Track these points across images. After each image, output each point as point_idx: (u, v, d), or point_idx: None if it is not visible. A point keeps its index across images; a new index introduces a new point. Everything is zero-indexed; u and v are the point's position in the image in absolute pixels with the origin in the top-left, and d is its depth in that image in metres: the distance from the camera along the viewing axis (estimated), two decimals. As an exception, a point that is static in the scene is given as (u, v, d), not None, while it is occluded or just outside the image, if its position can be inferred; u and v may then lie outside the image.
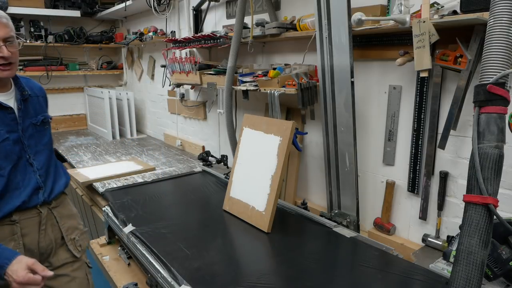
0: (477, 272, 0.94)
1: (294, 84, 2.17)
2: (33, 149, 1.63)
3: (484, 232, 0.95)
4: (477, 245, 0.94)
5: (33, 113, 1.66)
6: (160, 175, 3.00)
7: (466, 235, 0.95)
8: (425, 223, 1.94)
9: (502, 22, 0.94)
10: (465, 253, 0.95)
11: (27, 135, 1.61)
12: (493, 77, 0.94)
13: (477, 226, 0.95)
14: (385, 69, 2.02)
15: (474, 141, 0.97)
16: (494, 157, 0.94)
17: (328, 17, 1.95)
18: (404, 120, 1.97)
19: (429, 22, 1.55)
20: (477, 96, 0.97)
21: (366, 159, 2.18)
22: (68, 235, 1.75)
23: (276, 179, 1.95)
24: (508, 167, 1.61)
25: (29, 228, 1.61)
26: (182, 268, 1.60)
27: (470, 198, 0.96)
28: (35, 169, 1.62)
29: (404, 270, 1.55)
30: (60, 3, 4.63)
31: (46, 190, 1.65)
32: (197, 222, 2.17)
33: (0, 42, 1.45)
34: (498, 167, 0.95)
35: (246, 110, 2.92)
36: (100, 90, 4.65)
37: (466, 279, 0.94)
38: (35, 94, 1.71)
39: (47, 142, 1.72)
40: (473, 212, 0.96)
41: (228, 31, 2.74)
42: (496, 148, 0.95)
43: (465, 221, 0.97)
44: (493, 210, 0.93)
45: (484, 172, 0.94)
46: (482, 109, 0.97)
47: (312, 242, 1.89)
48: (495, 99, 0.94)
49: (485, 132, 0.95)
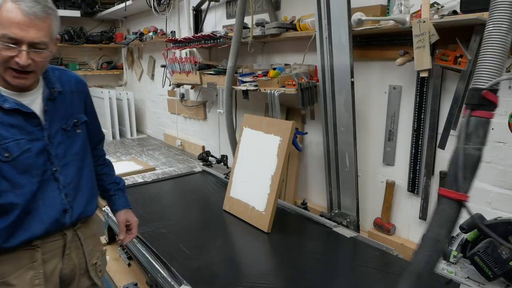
0: (437, 258, 1.03)
1: (294, 84, 2.17)
2: (61, 160, 1.30)
3: (452, 225, 1.02)
4: (444, 234, 1.01)
5: (64, 115, 1.32)
6: (160, 175, 3.00)
7: (436, 225, 1.03)
8: (425, 223, 1.94)
9: (501, 28, 0.96)
10: (433, 240, 1.02)
11: (55, 143, 1.28)
12: (487, 82, 0.98)
13: (447, 218, 1.01)
14: (385, 69, 2.02)
15: (462, 141, 1.01)
16: (475, 158, 1.00)
17: (328, 17, 1.95)
18: (404, 120, 1.97)
19: (429, 22, 1.55)
20: (471, 99, 1.01)
21: (366, 159, 2.18)
22: (91, 260, 1.43)
23: (276, 179, 1.95)
24: (508, 167, 1.61)
25: (52, 253, 1.31)
26: (182, 268, 1.60)
27: (447, 192, 1.02)
28: (60, 186, 1.29)
29: (404, 270, 1.55)
30: (60, 3, 4.63)
31: (75, 213, 1.33)
32: (197, 222, 2.17)
33: (23, 46, 1.09)
34: (477, 168, 1.01)
35: (246, 110, 2.92)
36: (100, 90, 4.65)
37: (427, 262, 1.02)
38: (69, 90, 1.35)
39: (79, 151, 1.36)
40: (447, 205, 1.02)
41: (228, 31, 2.74)
42: (478, 150, 1.00)
43: (437, 212, 1.04)
44: (466, 206, 1.01)
45: (466, 171, 1.00)
46: (474, 112, 1.00)
47: (312, 242, 1.89)
48: (487, 104, 0.98)
49: (473, 134, 1.00)
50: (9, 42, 1.08)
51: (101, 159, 1.60)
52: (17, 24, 1.08)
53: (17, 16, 1.08)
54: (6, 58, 1.10)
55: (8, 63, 1.11)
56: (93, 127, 1.50)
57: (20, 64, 1.10)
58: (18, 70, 1.13)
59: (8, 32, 1.07)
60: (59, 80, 1.32)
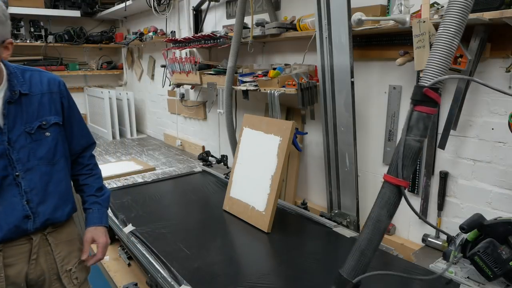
0: (379, 236, 1.14)
1: (294, 84, 2.17)
2: (24, 165, 1.25)
3: (392, 207, 1.13)
4: (385, 215, 1.13)
5: (29, 118, 1.27)
6: (160, 175, 3.00)
7: (378, 207, 1.14)
8: (425, 223, 1.94)
9: (449, 32, 1.06)
10: (374, 220, 1.14)
11: (16, 147, 1.23)
12: (430, 80, 1.07)
13: (388, 201, 1.13)
14: (385, 69, 2.02)
15: (403, 132, 1.11)
16: (415, 149, 1.10)
17: (328, 17, 1.95)
18: (404, 120, 1.97)
19: (429, 22, 1.55)
20: (414, 95, 1.10)
21: (366, 159, 2.18)
22: (64, 266, 1.37)
23: (276, 179, 1.95)
24: (508, 167, 1.61)
25: (15, 257, 1.27)
26: (182, 268, 1.60)
27: (388, 178, 1.13)
28: (22, 191, 1.24)
29: (404, 270, 1.55)
30: (60, 3, 4.63)
31: (39, 219, 1.28)
32: (197, 222, 2.17)
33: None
34: (416, 157, 1.11)
35: (246, 110, 2.92)
36: (100, 90, 4.65)
37: (369, 240, 1.14)
38: (38, 92, 1.30)
39: (45, 155, 1.30)
40: (388, 190, 1.13)
41: (228, 31, 2.74)
42: (418, 142, 1.10)
43: (380, 195, 1.15)
44: (403, 191, 1.11)
45: (405, 160, 1.10)
46: (416, 107, 1.10)
47: (312, 242, 1.89)
48: (428, 100, 1.07)
49: (414, 127, 1.10)
50: None
51: (85, 168, 1.50)
52: None
53: None
54: None
55: None
56: (75, 131, 1.44)
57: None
58: None
59: None
60: (28, 82, 1.28)
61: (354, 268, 1.15)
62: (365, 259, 1.15)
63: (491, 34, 1.55)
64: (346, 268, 1.16)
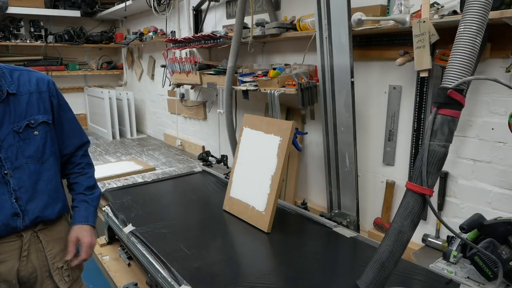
0: (401, 249, 1.07)
1: (294, 84, 2.17)
2: (13, 163, 1.27)
3: (416, 217, 1.06)
4: (408, 226, 1.06)
5: (16, 117, 1.28)
6: (160, 175, 3.00)
7: (400, 217, 1.07)
8: (425, 223, 1.94)
9: (471, 30, 1.00)
10: (396, 231, 1.07)
11: (5, 146, 1.26)
12: (454, 81, 1.01)
13: (411, 210, 1.06)
14: (385, 69, 2.02)
15: (427, 137, 1.05)
16: (440, 155, 1.04)
17: (328, 17, 1.95)
18: (404, 120, 1.97)
19: (429, 22, 1.55)
20: (438, 98, 1.05)
21: (366, 159, 2.18)
22: (55, 263, 1.38)
23: (276, 179, 1.95)
24: (508, 167, 1.61)
25: (5, 254, 1.29)
26: (182, 268, 1.60)
27: (412, 186, 1.06)
28: (11, 189, 1.26)
29: (404, 270, 1.55)
30: (60, 3, 4.63)
31: (28, 216, 1.30)
32: (197, 222, 2.17)
33: None
34: (441, 164, 1.05)
35: (246, 110, 2.92)
36: (100, 90, 4.65)
37: (390, 252, 1.07)
38: (26, 92, 1.31)
39: (33, 154, 1.32)
40: (411, 198, 1.06)
41: (228, 31, 2.74)
42: (443, 147, 1.04)
43: (402, 204, 1.09)
44: (428, 200, 1.04)
45: (429, 166, 1.03)
46: (440, 111, 1.04)
47: (312, 242, 1.89)
48: (453, 103, 1.02)
49: (438, 131, 1.04)
50: None
51: (77, 167, 1.50)
52: None
53: None
54: None
55: None
56: (66, 130, 1.45)
57: None
58: None
59: None
60: (16, 81, 1.29)
61: (373, 281, 1.09)
62: (385, 272, 1.08)
63: (491, 34, 1.55)
64: (364, 280, 1.11)
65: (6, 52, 4.49)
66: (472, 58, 1.01)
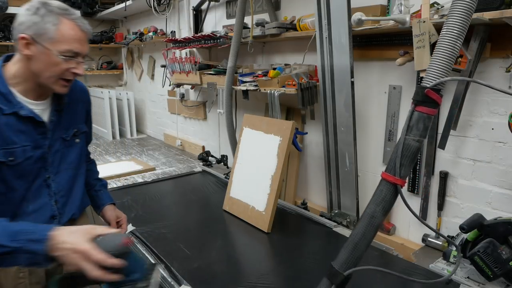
0: (373, 231, 1.15)
1: (294, 84, 2.17)
2: (55, 168, 1.35)
3: (388, 204, 1.14)
4: (380, 212, 1.14)
5: (66, 125, 1.39)
6: (160, 175, 3.00)
7: (373, 203, 1.15)
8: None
9: (452, 34, 1.06)
10: (369, 216, 1.15)
11: (52, 151, 1.34)
12: (432, 81, 1.08)
13: (384, 198, 1.14)
14: (385, 69, 2.02)
15: (403, 132, 1.13)
16: (413, 149, 1.11)
17: (328, 17, 1.95)
18: (404, 120, 1.96)
19: (429, 22, 1.55)
20: (416, 96, 1.11)
21: (366, 159, 2.18)
22: None
23: (276, 179, 1.95)
24: (508, 167, 1.61)
25: None
26: (182, 268, 1.60)
27: (386, 176, 1.14)
28: (51, 192, 1.34)
29: (404, 270, 1.55)
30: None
31: (63, 219, 1.38)
32: (197, 222, 2.17)
33: (80, 58, 1.23)
34: (414, 157, 1.12)
35: (246, 110, 2.92)
36: (100, 90, 4.64)
37: (362, 234, 1.15)
38: (74, 99, 1.42)
39: (74, 160, 1.42)
40: (385, 187, 1.15)
41: (228, 31, 2.74)
42: (418, 142, 1.11)
43: (376, 192, 1.17)
44: (399, 189, 1.12)
45: (403, 159, 1.11)
46: (417, 108, 1.11)
47: (312, 242, 1.89)
48: (429, 101, 1.08)
49: (414, 127, 1.11)
50: (71, 56, 1.20)
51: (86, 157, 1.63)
52: (79, 40, 1.21)
53: (77, 32, 1.20)
54: (63, 70, 1.20)
55: (63, 75, 1.22)
56: (90, 134, 1.58)
57: (78, 74, 1.24)
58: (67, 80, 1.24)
59: (72, 47, 1.19)
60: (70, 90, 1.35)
61: (346, 260, 1.16)
62: (357, 252, 1.15)
63: (491, 34, 1.55)
64: (338, 260, 1.18)
65: (6, 52, 4.48)
66: (451, 60, 1.07)
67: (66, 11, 1.19)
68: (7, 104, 1.20)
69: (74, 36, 1.19)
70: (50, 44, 1.16)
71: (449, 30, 1.07)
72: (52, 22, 1.16)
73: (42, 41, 1.16)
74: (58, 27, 1.16)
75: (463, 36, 1.08)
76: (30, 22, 1.15)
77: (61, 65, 1.19)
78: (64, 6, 1.20)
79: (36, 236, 0.97)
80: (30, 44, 1.17)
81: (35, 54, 1.17)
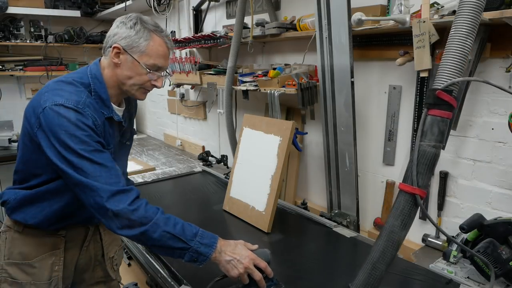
0: (392, 249, 1.07)
1: (294, 84, 2.17)
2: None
3: (407, 217, 1.06)
4: (398, 226, 1.06)
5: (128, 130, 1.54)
6: (160, 175, 3.00)
7: (392, 217, 1.08)
8: (425, 223, 1.94)
9: (461, 33, 1.02)
10: (388, 231, 1.07)
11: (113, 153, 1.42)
12: (443, 83, 1.03)
13: (402, 211, 1.06)
14: (385, 69, 2.02)
15: (418, 138, 1.07)
16: (430, 155, 1.04)
17: (328, 17, 1.95)
18: (404, 120, 1.97)
19: (429, 22, 1.55)
20: (427, 99, 1.06)
21: (366, 159, 2.18)
22: (108, 253, 1.59)
23: (276, 179, 1.95)
24: (508, 167, 1.61)
25: (73, 242, 1.45)
26: (182, 268, 1.60)
27: (403, 186, 1.07)
28: None
29: (404, 270, 1.55)
30: (60, 3, 4.63)
31: None
32: (197, 222, 2.14)
33: (162, 73, 1.34)
34: (432, 164, 1.05)
35: (246, 110, 2.92)
36: (100, 90, 4.64)
37: (382, 252, 1.07)
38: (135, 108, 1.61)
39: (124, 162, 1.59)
40: (403, 198, 1.07)
41: (228, 31, 2.74)
42: (434, 147, 1.05)
43: (395, 205, 1.09)
44: (418, 200, 1.04)
45: (420, 166, 1.04)
46: (430, 111, 1.06)
47: (312, 242, 1.89)
48: (442, 104, 1.03)
49: (428, 132, 1.05)
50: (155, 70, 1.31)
51: None
52: (164, 55, 1.32)
53: (164, 49, 1.32)
54: (145, 81, 1.32)
55: (144, 85, 1.33)
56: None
57: (158, 87, 1.35)
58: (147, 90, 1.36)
59: (157, 62, 1.30)
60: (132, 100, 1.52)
61: (365, 283, 1.08)
62: (376, 272, 1.07)
63: (491, 34, 1.55)
64: (356, 282, 1.10)
65: (6, 52, 4.48)
66: (462, 60, 1.03)
67: (158, 28, 1.31)
68: (106, 109, 1.31)
69: (161, 52, 1.30)
70: (139, 56, 1.27)
71: (458, 28, 1.03)
72: (144, 38, 1.27)
73: (132, 52, 1.27)
74: (149, 42, 1.28)
75: (474, 34, 1.03)
76: (125, 34, 1.28)
77: (145, 76, 1.30)
78: (156, 23, 1.33)
79: (206, 240, 1.25)
80: (120, 54, 1.28)
81: (123, 63, 1.29)
